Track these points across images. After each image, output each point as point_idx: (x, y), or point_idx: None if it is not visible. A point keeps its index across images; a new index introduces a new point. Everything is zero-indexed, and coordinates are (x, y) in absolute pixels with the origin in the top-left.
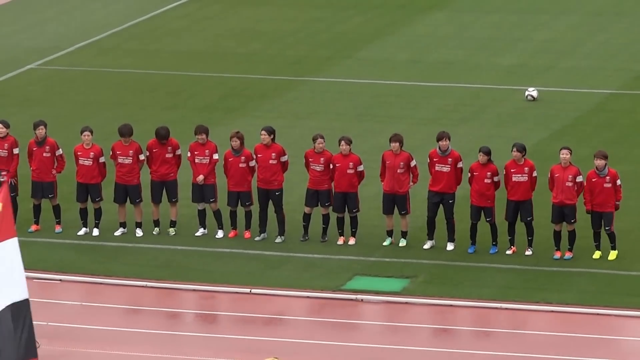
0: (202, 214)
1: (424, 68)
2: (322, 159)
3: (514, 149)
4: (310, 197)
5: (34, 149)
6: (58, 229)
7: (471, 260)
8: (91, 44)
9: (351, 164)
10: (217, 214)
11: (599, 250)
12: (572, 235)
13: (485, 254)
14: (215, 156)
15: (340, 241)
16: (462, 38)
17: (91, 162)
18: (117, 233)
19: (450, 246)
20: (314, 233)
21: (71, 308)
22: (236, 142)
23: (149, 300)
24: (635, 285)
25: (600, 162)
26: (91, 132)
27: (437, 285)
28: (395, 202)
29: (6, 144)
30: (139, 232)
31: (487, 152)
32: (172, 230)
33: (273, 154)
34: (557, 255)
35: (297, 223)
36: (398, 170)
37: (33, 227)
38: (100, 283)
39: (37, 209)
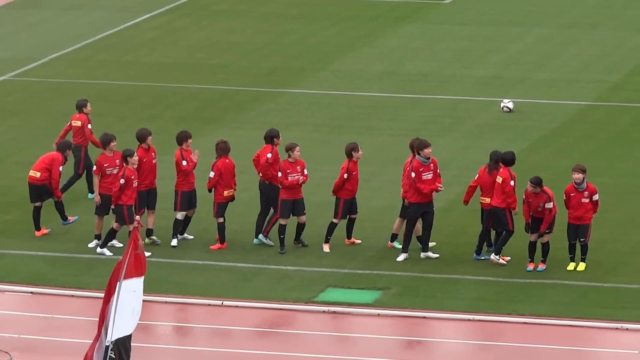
0: (179, 223)
1: (399, 80)
2: (298, 167)
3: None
4: (288, 209)
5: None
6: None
7: (444, 272)
8: (64, 56)
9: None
10: (187, 222)
11: (574, 261)
12: (546, 246)
13: (458, 266)
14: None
15: (348, 242)
16: (435, 50)
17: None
18: (92, 245)
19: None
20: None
21: (43, 320)
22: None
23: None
24: (608, 296)
25: (578, 176)
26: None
27: (409, 297)
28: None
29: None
30: (117, 244)
31: (537, 183)
32: (156, 238)
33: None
34: (530, 267)
35: (272, 234)
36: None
37: (45, 231)
38: (72, 295)
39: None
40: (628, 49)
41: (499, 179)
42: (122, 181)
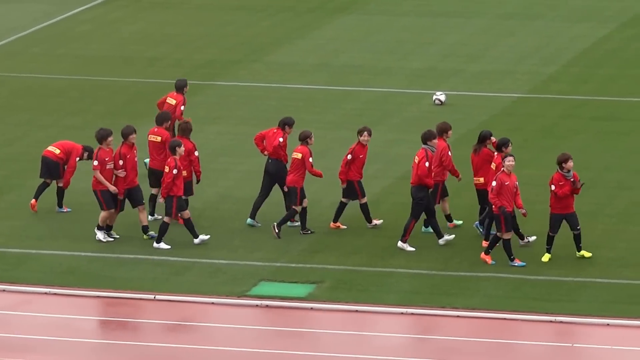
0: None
1: (332, 72)
2: None
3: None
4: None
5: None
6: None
7: (378, 265)
8: None
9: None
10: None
11: (549, 253)
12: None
13: (391, 259)
14: None
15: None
16: (371, 41)
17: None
18: (100, 237)
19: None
20: (225, 238)
21: None
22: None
23: (52, 307)
24: (542, 289)
25: (571, 164)
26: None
27: (342, 290)
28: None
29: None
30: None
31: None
32: (153, 233)
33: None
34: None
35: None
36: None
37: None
38: (3, 290)
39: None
40: (566, 40)
41: (493, 165)
42: (174, 171)
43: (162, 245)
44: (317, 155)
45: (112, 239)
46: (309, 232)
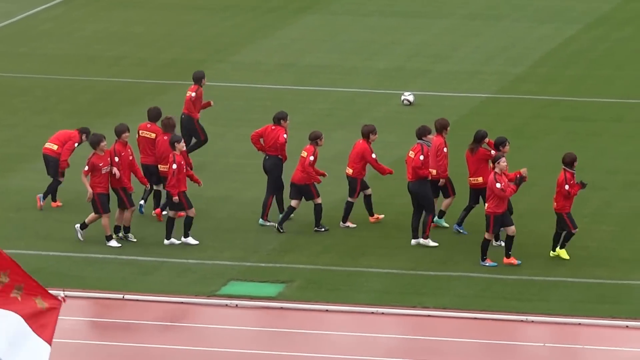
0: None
1: (299, 72)
2: None
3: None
4: None
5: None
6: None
7: (348, 265)
8: None
9: None
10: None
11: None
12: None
13: (362, 259)
14: None
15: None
16: (336, 41)
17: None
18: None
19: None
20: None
21: None
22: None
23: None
24: (512, 289)
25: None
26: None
27: (313, 290)
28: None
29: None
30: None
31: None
32: (131, 236)
33: None
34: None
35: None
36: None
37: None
38: None
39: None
40: (532, 41)
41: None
42: (174, 166)
43: (190, 240)
44: (289, 156)
45: (133, 241)
46: (282, 231)
